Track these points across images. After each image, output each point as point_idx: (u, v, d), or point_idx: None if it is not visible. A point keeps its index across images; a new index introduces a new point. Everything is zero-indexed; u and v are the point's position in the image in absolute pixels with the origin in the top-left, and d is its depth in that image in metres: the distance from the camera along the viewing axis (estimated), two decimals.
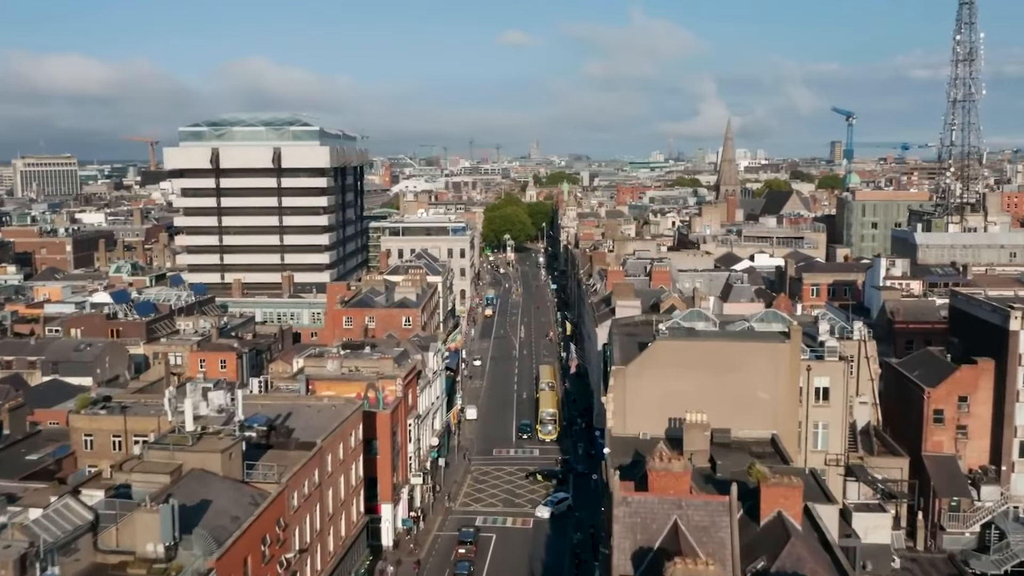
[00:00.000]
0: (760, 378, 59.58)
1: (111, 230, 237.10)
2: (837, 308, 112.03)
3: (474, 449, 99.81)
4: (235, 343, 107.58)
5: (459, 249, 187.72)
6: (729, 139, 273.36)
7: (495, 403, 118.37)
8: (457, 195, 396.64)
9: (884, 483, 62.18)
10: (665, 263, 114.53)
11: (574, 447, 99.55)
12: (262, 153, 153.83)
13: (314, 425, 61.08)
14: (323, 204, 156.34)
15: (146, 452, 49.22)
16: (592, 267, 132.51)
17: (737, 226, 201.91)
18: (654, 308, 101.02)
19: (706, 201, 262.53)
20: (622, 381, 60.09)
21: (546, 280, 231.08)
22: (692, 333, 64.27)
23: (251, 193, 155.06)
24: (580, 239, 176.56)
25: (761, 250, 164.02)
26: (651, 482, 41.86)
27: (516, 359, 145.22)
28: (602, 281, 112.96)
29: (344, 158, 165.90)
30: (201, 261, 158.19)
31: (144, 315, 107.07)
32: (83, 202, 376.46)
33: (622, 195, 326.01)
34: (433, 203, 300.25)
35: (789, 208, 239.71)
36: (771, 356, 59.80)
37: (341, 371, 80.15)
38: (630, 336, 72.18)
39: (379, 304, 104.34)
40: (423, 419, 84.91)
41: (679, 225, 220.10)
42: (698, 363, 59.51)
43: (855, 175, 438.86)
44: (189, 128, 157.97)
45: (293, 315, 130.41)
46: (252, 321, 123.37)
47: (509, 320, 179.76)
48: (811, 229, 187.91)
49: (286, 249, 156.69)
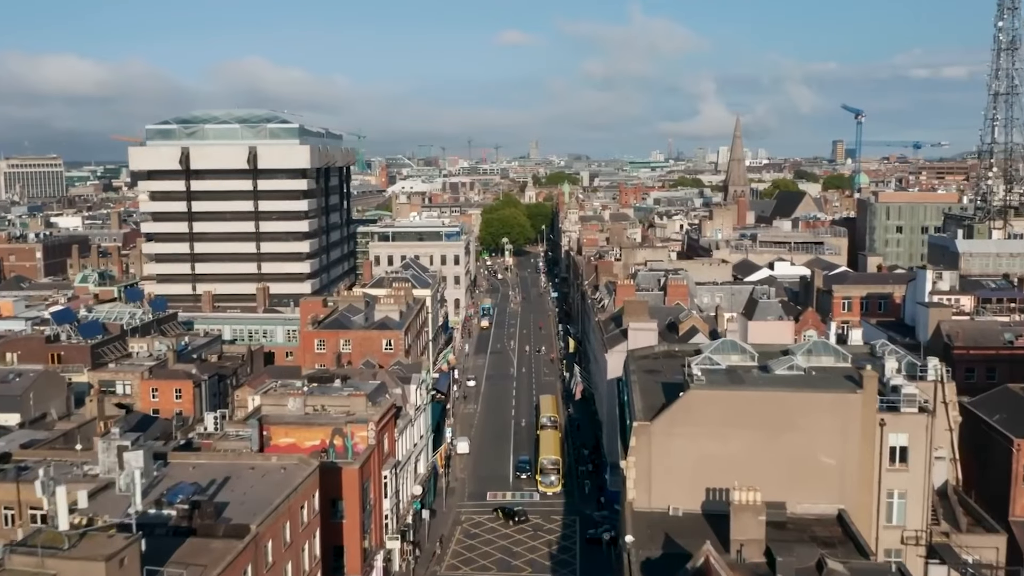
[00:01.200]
0: (824, 437, 46.66)
1: (86, 235, 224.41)
2: (875, 326, 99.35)
3: (465, 492, 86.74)
4: (194, 368, 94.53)
5: (453, 255, 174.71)
6: (738, 137, 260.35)
7: (490, 433, 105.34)
8: (454, 196, 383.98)
9: (977, 568, 49.19)
10: (682, 276, 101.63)
11: (579, 489, 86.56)
12: (237, 153, 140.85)
13: (256, 496, 48.10)
14: (303, 208, 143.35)
15: (7, 558, 36.20)
16: (598, 278, 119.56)
17: (750, 230, 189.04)
18: (671, 328, 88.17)
19: (715, 203, 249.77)
20: (646, 441, 47.12)
21: (546, 287, 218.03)
22: (734, 378, 51.25)
23: (225, 196, 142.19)
24: (583, 245, 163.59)
25: (779, 257, 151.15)
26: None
27: (514, 378, 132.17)
28: (610, 296, 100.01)
29: (327, 158, 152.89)
30: (170, 271, 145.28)
31: (90, 337, 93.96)
32: (66, 204, 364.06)
33: (625, 196, 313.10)
34: (427, 205, 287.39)
35: (803, 210, 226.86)
36: (838, 409, 46.86)
37: (305, 411, 67.25)
38: (651, 373, 59.21)
39: (356, 325, 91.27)
40: (403, 466, 71.90)
41: (688, 229, 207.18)
42: (744, 419, 46.59)
43: (864, 175, 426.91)
44: (157, 126, 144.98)
45: (266, 332, 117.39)
46: (219, 340, 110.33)
47: (507, 332, 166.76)
48: (831, 233, 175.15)
49: (263, 257, 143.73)
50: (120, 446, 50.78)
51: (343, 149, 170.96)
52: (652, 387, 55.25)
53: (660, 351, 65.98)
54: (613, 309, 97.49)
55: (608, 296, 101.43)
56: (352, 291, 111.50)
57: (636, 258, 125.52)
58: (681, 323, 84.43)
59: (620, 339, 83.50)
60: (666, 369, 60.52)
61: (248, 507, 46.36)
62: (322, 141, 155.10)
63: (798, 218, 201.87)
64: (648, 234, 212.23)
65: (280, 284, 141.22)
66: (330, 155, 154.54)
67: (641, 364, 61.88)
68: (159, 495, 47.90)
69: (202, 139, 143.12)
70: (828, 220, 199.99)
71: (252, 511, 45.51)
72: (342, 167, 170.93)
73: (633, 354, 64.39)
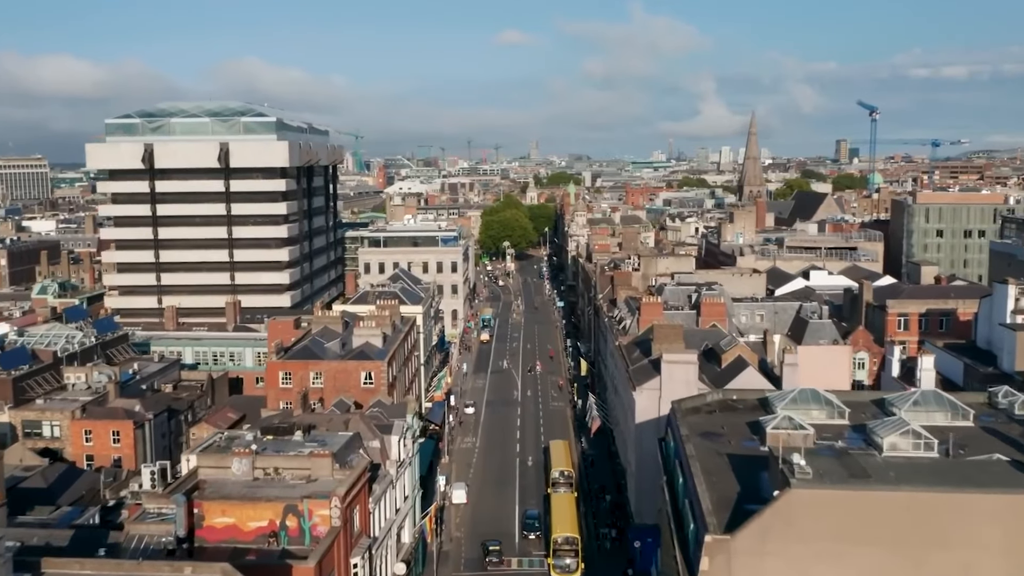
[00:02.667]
0: (989, 558, 31.43)
1: (59, 240, 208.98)
2: (945, 351, 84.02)
3: (461, 559, 71.37)
4: (138, 404, 79.27)
5: (451, 262, 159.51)
6: (753, 134, 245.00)
7: (492, 476, 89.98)
8: (452, 197, 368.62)
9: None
10: (717, 291, 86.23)
11: (601, 556, 71.21)
12: (206, 149, 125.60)
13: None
14: (282, 211, 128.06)
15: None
16: (615, 291, 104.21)
17: (773, 233, 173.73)
18: (709, 356, 72.82)
19: (732, 204, 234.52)
20: (724, 564, 31.80)
21: (551, 295, 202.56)
22: (852, 468, 35.74)
23: (193, 199, 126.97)
24: (593, 251, 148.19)
25: (812, 265, 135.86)
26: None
27: (518, 403, 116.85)
28: (633, 316, 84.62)
29: (309, 155, 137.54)
30: (134, 282, 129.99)
31: (13, 367, 78.60)
32: (48, 207, 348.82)
33: (632, 196, 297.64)
34: (423, 207, 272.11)
35: (825, 212, 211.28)
36: (1010, 516, 31.59)
37: (254, 475, 52.07)
38: (710, 439, 43.93)
39: (330, 354, 75.76)
40: (380, 542, 56.60)
41: (704, 232, 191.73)
42: (871, 531, 31.33)
43: (878, 175, 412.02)
44: (118, 120, 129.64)
45: (233, 355, 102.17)
46: (177, 366, 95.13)
47: (509, 347, 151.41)
48: (863, 237, 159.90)
49: (237, 267, 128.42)
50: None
51: (329, 146, 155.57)
52: (716, 463, 39.98)
53: (714, 401, 50.69)
54: (637, 331, 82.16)
55: (630, 315, 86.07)
56: (332, 309, 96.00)
57: (657, 268, 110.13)
58: (724, 353, 69.06)
59: (651, 373, 68.23)
60: (729, 430, 45.27)
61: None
62: (304, 137, 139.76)
63: (824, 221, 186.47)
64: (661, 238, 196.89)
65: (256, 296, 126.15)
66: (313, 152, 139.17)
67: (693, 423, 46.56)
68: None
69: (168, 134, 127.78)
70: (857, 223, 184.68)
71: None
72: (328, 166, 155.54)
73: (679, 407, 49.06)
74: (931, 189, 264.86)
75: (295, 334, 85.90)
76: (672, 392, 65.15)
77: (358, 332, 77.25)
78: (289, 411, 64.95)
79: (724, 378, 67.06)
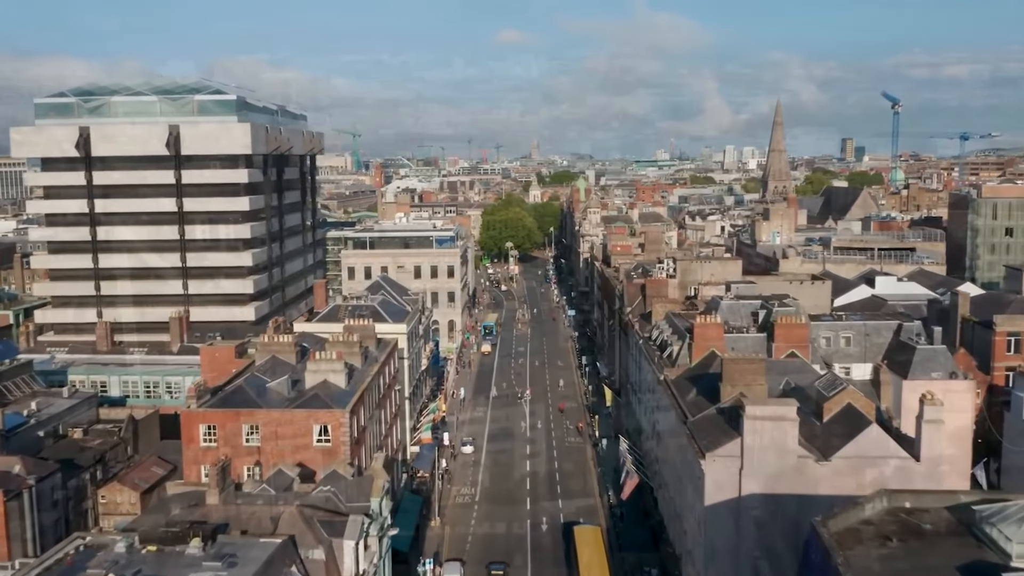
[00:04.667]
0: None
1: (15, 242, 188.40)
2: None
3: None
4: (18, 464, 58.66)
5: (447, 266, 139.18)
6: (778, 124, 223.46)
7: (496, 545, 69.22)
8: (451, 196, 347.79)
9: None
10: (793, 307, 65.65)
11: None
12: (153, 133, 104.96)
13: None
14: (244, 207, 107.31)
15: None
16: (647, 303, 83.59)
17: (815, 232, 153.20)
18: (796, 394, 51.82)
19: (756, 200, 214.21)
20: None
21: (559, 303, 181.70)
22: None
23: (138, 193, 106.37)
24: (611, 253, 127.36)
25: (871, 269, 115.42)
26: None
27: (527, 439, 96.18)
28: (681, 340, 63.74)
29: (278, 141, 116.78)
30: (69, 291, 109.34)
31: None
32: (20, 208, 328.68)
33: (643, 194, 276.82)
34: (418, 204, 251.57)
35: (862, 209, 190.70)
36: None
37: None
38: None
39: (273, 399, 54.84)
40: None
41: (732, 231, 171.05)
42: None
43: (900, 171, 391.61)
44: (49, 100, 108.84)
45: (171, 386, 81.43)
46: (94, 401, 74.41)
47: (514, 365, 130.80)
48: (921, 237, 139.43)
49: (191, 273, 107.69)
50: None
51: (306, 132, 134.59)
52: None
53: (882, 510, 29.96)
54: (689, 361, 61.46)
55: (676, 338, 65.25)
56: (292, 329, 74.93)
57: (698, 275, 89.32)
58: (827, 401, 48.25)
59: (723, 430, 47.53)
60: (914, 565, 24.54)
61: None
62: (273, 119, 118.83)
63: (868, 218, 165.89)
64: (684, 238, 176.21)
65: (215, 308, 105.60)
66: (283, 138, 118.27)
67: (861, 565, 25.82)
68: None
69: (107, 116, 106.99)
70: (906, 220, 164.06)
71: None
72: (305, 155, 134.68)
73: (827, 529, 28.27)
74: (961, 186, 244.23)
75: (237, 365, 65.20)
76: (762, 462, 44.80)
77: (313, 367, 56.35)
78: (201, 494, 44.18)
79: (832, 439, 46.42)
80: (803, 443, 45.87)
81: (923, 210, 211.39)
